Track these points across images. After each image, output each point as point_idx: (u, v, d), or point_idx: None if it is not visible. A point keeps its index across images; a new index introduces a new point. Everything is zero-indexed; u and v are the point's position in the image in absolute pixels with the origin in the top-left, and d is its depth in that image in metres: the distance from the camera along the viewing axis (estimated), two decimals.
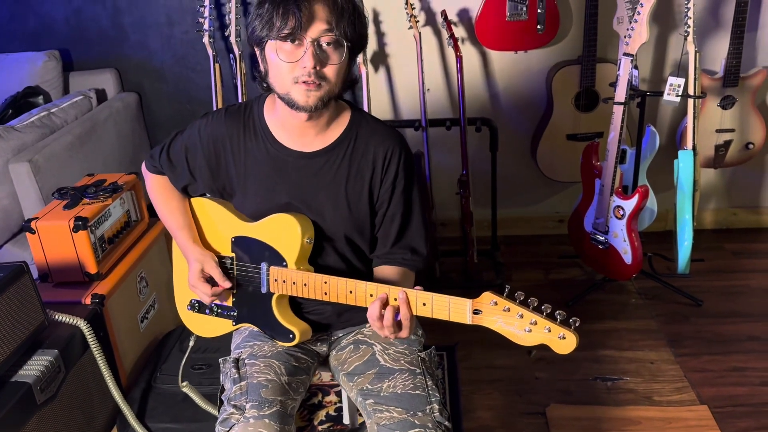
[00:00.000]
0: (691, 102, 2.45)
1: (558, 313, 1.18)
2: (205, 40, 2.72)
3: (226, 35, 2.80)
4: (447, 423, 1.36)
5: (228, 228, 1.52)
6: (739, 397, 2.13)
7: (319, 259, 1.47)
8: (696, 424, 2.03)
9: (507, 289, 1.22)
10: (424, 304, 1.28)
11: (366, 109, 2.62)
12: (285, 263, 1.43)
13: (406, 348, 1.48)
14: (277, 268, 1.43)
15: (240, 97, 2.78)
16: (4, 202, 2.33)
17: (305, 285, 1.40)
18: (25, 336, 1.70)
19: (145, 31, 2.99)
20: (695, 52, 2.39)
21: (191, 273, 1.50)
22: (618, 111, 2.34)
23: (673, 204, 2.55)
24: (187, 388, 1.86)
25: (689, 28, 2.36)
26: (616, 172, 2.41)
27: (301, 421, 2.11)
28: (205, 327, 1.61)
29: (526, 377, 2.28)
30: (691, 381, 2.21)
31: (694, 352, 2.35)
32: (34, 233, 1.99)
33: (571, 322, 1.18)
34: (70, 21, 2.99)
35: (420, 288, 1.29)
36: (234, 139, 1.46)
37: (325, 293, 1.38)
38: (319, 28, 1.27)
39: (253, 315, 1.51)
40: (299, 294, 1.42)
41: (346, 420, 1.96)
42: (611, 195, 2.44)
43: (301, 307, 1.52)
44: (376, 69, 2.93)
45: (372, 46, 2.87)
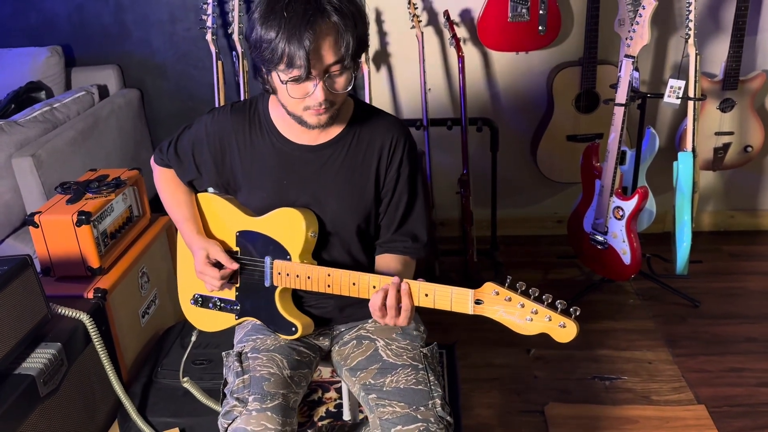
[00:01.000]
0: (691, 104, 2.47)
1: (559, 302, 1.20)
2: (208, 38, 2.73)
3: (229, 32, 2.81)
4: (449, 418, 1.38)
5: (233, 222, 1.53)
6: (737, 398, 2.14)
7: (323, 253, 1.49)
8: (693, 423, 2.04)
9: (509, 280, 1.24)
10: (426, 295, 1.29)
11: None
12: (289, 257, 1.44)
13: (409, 343, 1.49)
14: (281, 262, 1.44)
15: (242, 94, 2.79)
16: (6, 197, 2.34)
17: (309, 278, 1.41)
18: (29, 329, 1.71)
19: (147, 28, 2.99)
20: (696, 54, 2.41)
21: (197, 260, 1.51)
22: (619, 112, 2.36)
23: (672, 206, 2.57)
24: (188, 383, 1.87)
25: (690, 30, 2.38)
26: (616, 173, 2.42)
27: (301, 417, 2.12)
28: (207, 321, 1.62)
29: (525, 376, 2.29)
30: (688, 381, 2.23)
31: (691, 353, 2.37)
32: (38, 227, 1.99)
33: (572, 311, 1.20)
34: (73, 17, 3.00)
35: (422, 279, 1.31)
36: (240, 135, 1.47)
37: (328, 285, 1.39)
38: (328, 62, 1.26)
39: (256, 309, 1.52)
40: (303, 287, 1.43)
41: (347, 416, 1.97)
42: (611, 196, 2.46)
43: (303, 301, 1.53)
44: (378, 68, 2.94)
45: (374, 45, 2.88)
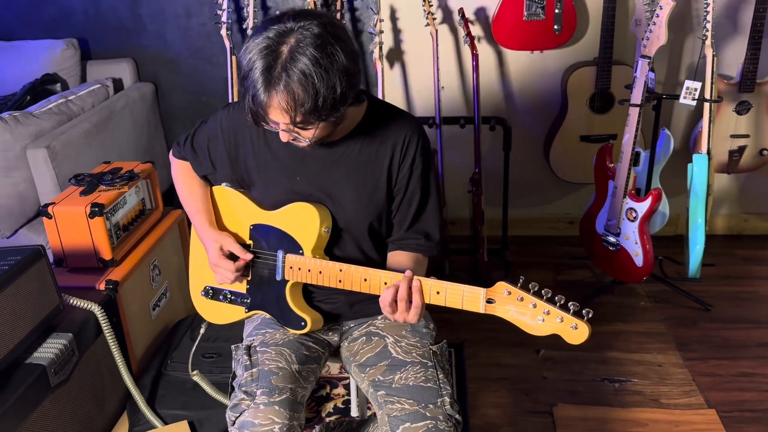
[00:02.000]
0: (707, 106, 2.44)
1: (571, 304, 1.19)
2: (223, 33, 2.74)
3: (244, 28, 2.81)
4: (458, 416, 1.37)
5: (247, 216, 1.54)
6: (748, 403, 2.12)
7: (335, 249, 1.49)
8: (704, 428, 2.03)
9: (521, 280, 1.23)
10: (438, 293, 1.29)
11: None
12: (301, 251, 1.44)
13: (418, 341, 1.49)
14: (293, 256, 1.45)
15: None
16: (20, 187, 2.36)
17: (320, 273, 1.41)
18: (41, 319, 1.72)
19: (162, 22, 3.00)
20: (713, 56, 2.39)
21: (211, 253, 1.52)
22: (633, 113, 2.34)
23: (685, 208, 2.55)
24: (197, 376, 1.88)
25: (707, 31, 2.36)
26: (629, 174, 2.41)
27: (309, 413, 2.12)
28: (217, 314, 1.63)
29: (534, 376, 2.28)
30: (699, 385, 2.21)
31: (702, 357, 2.35)
32: (51, 218, 2.01)
33: (584, 313, 1.19)
34: (89, 10, 3.01)
35: (434, 278, 1.30)
36: (254, 130, 1.47)
37: (339, 281, 1.39)
38: (283, 122, 1.26)
39: (266, 302, 1.53)
40: (314, 281, 1.43)
41: (354, 412, 1.97)
42: (624, 197, 2.44)
43: (313, 296, 1.54)
44: (392, 65, 2.94)
45: (388, 42, 2.88)
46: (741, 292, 2.73)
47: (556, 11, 2.66)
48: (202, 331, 1.75)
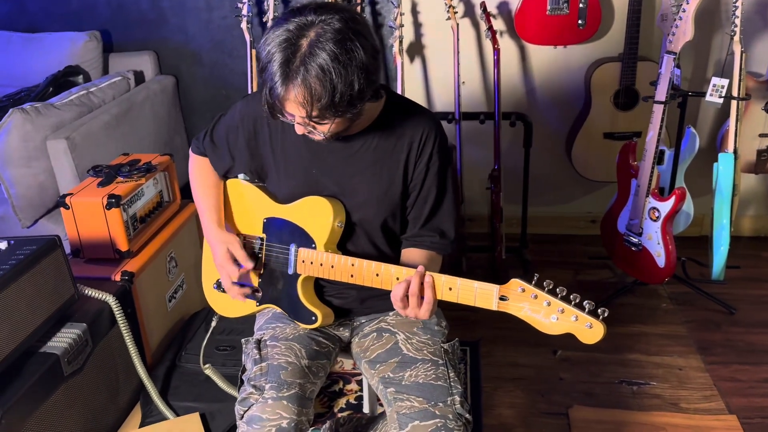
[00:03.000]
0: (734, 104, 2.38)
1: (587, 302, 1.16)
2: (243, 26, 2.73)
3: (264, 21, 2.81)
4: (467, 415, 1.35)
5: (261, 209, 1.53)
6: None
7: (348, 244, 1.47)
8: None
9: (536, 278, 1.20)
10: (450, 289, 1.27)
11: None
12: (314, 245, 1.43)
13: (430, 338, 1.47)
14: (305, 250, 1.44)
15: None
16: (40, 178, 2.38)
17: (332, 267, 1.40)
18: (55, 308, 1.73)
19: (183, 15, 3.01)
20: (741, 52, 2.32)
21: (219, 254, 1.52)
22: (658, 110, 2.29)
23: (711, 208, 2.49)
24: (209, 370, 1.88)
25: (736, 27, 2.29)
26: (653, 172, 2.35)
27: (321, 408, 2.11)
28: (228, 307, 1.62)
29: (550, 377, 2.24)
30: (720, 390, 2.15)
31: (724, 361, 2.29)
32: (68, 209, 2.02)
33: (599, 312, 1.16)
34: (112, 3, 3.03)
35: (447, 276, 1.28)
36: (272, 121, 1.46)
37: (351, 275, 1.38)
38: (298, 113, 1.24)
39: (278, 296, 1.52)
40: (326, 276, 1.42)
41: (366, 408, 1.96)
42: (647, 196, 2.39)
43: (325, 290, 1.52)
44: (412, 60, 2.91)
45: (409, 36, 2.85)
46: (766, 295, 2.66)
47: (581, 5, 2.62)
48: (214, 324, 1.75)
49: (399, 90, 2.67)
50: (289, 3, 2.90)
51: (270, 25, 2.73)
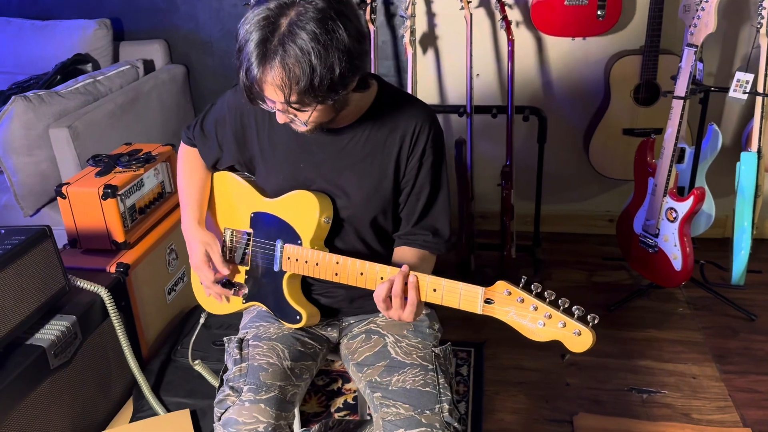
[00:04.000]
0: (759, 100, 2.26)
1: (576, 308, 1.09)
2: None
3: None
4: (456, 424, 1.29)
5: (249, 203, 1.48)
6: None
7: (337, 241, 1.41)
8: None
9: (523, 280, 1.13)
10: (435, 290, 1.20)
11: (410, 92, 2.53)
12: (300, 241, 1.37)
13: (420, 342, 1.41)
14: (291, 246, 1.38)
15: None
16: (42, 166, 2.36)
17: (317, 264, 1.34)
18: (44, 300, 1.70)
19: (194, 3, 2.97)
20: None
21: (196, 254, 1.48)
22: (677, 106, 2.18)
23: (733, 210, 2.38)
24: (199, 365, 1.84)
25: (763, 19, 2.18)
26: (671, 171, 2.25)
27: (318, 407, 2.06)
28: (216, 304, 1.58)
29: (556, 382, 2.16)
30: (735, 401, 2.05)
31: (741, 370, 2.18)
32: (65, 198, 2.00)
33: (590, 318, 1.08)
34: None
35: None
36: (260, 112, 1.40)
37: (335, 274, 1.32)
38: (278, 101, 1.18)
39: (263, 293, 1.47)
40: (310, 273, 1.36)
41: (360, 411, 1.90)
42: (664, 196, 2.29)
43: (312, 289, 1.47)
44: (425, 51, 2.83)
45: (421, 26, 2.77)
46: None
47: None
48: (202, 320, 1.70)
49: (410, 81, 2.59)
50: None
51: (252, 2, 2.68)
